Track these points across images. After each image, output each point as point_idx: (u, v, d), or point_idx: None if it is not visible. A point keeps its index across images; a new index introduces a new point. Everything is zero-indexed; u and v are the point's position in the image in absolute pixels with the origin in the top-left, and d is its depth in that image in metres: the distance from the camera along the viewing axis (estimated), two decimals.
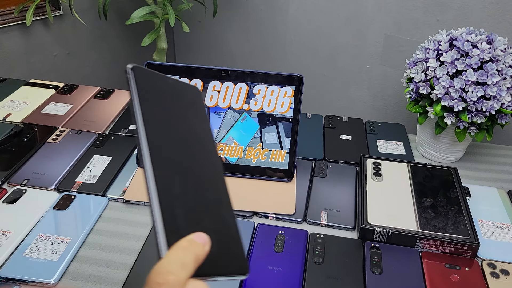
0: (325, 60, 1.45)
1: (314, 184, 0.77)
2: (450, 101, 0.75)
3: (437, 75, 0.76)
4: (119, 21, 1.64)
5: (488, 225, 0.70)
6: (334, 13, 1.36)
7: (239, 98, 0.78)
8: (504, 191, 0.78)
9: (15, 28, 1.33)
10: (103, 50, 1.65)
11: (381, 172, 0.78)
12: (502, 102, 0.74)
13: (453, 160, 0.87)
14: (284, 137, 0.77)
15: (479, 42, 0.74)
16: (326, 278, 0.61)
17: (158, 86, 0.32)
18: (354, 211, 0.72)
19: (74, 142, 0.86)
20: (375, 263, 0.63)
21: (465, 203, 0.71)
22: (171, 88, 0.34)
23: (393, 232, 0.66)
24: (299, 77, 0.77)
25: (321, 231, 0.68)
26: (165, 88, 0.33)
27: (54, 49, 1.47)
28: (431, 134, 0.84)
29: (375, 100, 1.41)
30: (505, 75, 0.74)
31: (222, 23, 1.60)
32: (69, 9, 1.36)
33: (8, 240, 0.64)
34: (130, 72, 0.31)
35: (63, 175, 0.77)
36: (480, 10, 1.12)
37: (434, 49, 0.78)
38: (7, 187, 0.75)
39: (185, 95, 0.35)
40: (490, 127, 0.79)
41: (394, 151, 0.88)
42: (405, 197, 0.72)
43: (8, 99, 1.00)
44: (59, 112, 0.95)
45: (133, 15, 1.28)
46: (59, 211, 0.70)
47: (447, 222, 0.67)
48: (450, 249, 0.65)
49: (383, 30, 1.30)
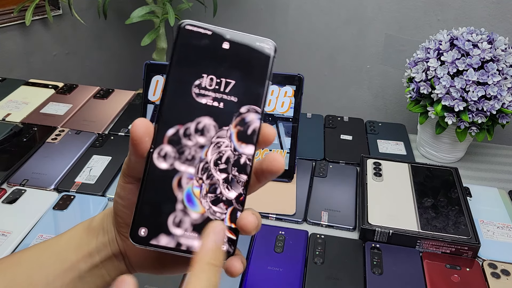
0: (325, 60, 1.44)
1: (315, 184, 0.77)
2: (450, 101, 0.75)
3: (437, 74, 0.76)
4: (119, 21, 1.64)
5: (488, 225, 0.70)
6: (335, 13, 1.35)
7: None
8: (505, 191, 0.78)
9: (14, 27, 1.33)
10: (103, 50, 1.65)
11: (381, 172, 0.77)
12: (503, 102, 0.74)
13: (454, 160, 0.86)
14: (284, 137, 0.77)
15: (480, 42, 0.74)
16: (326, 278, 0.60)
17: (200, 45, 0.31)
18: (354, 211, 0.72)
19: (74, 142, 0.85)
20: (375, 263, 0.63)
21: (466, 203, 0.71)
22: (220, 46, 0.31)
23: (394, 232, 0.65)
24: (300, 76, 0.76)
25: (321, 232, 0.68)
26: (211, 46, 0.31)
27: (53, 49, 1.47)
28: (432, 134, 0.83)
29: (376, 100, 1.41)
30: (506, 75, 0.74)
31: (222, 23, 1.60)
32: (68, 8, 1.36)
33: (8, 240, 0.64)
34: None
35: (62, 175, 0.77)
36: (481, 9, 1.12)
37: (435, 48, 0.78)
38: (7, 187, 0.75)
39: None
40: (491, 127, 0.79)
41: (395, 151, 0.88)
42: (406, 197, 0.72)
43: (7, 99, 1.00)
44: (59, 112, 0.95)
45: (132, 14, 1.28)
46: (59, 211, 0.69)
47: (447, 222, 0.67)
48: (451, 249, 0.65)
49: (383, 30, 1.30)
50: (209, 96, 0.30)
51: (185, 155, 0.30)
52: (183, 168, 0.30)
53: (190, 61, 0.30)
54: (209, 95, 0.30)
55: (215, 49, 0.30)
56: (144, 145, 0.29)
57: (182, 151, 0.30)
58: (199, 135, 0.30)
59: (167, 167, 0.30)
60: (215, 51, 0.30)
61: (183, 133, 0.30)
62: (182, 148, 0.30)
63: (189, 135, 0.30)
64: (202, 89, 0.30)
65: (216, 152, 0.30)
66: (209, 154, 0.30)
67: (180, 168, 0.30)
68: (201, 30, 0.30)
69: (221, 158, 0.30)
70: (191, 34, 0.30)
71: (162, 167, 0.30)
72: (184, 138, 0.30)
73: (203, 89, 0.30)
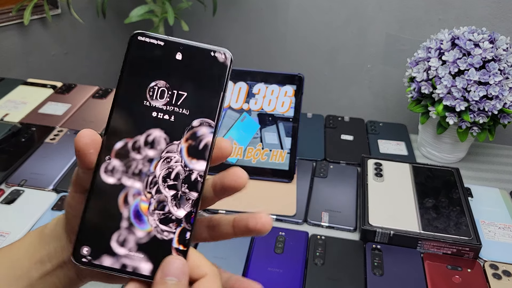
0: (325, 59, 1.44)
1: (315, 185, 0.77)
2: (452, 100, 0.74)
3: (439, 74, 0.75)
4: (118, 20, 1.63)
5: (490, 226, 0.69)
6: (335, 12, 1.35)
7: (239, 97, 0.78)
8: (506, 191, 0.77)
9: (13, 27, 1.32)
10: (102, 49, 1.64)
11: (382, 173, 0.77)
12: (505, 102, 0.73)
13: (455, 160, 0.86)
14: (285, 137, 0.77)
15: (481, 41, 0.74)
16: (326, 279, 0.60)
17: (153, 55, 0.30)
18: (355, 212, 0.71)
19: (72, 142, 0.85)
20: (376, 264, 0.62)
21: (467, 203, 0.71)
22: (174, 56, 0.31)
23: (395, 233, 0.65)
24: (300, 76, 0.76)
25: (321, 232, 0.68)
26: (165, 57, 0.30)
27: (52, 48, 1.46)
28: (433, 134, 0.83)
29: (376, 100, 1.41)
30: (507, 75, 0.73)
31: (222, 22, 1.59)
32: (67, 8, 1.35)
33: (6, 241, 0.63)
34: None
35: (61, 175, 0.77)
36: (482, 9, 1.12)
37: (436, 48, 0.77)
38: (5, 187, 0.74)
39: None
40: (492, 127, 0.78)
41: (396, 151, 0.87)
42: (407, 198, 0.71)
43: (5, 98, 0.99)
44: (57, 112, 0.95)
45: (132, 13, 1.28)
46: (57, 211, 0.69)
47: (449, 223, 0.67)
48: (452, 250, 0.64)
49: (384, 29, 1.29)
50: (160, 109, 0.29)
51: (133, 170, 0.28)
52: (130, 183, 0.28)
53: (141, 73, 0.29)
54: (160, 108, 0.29)
55: (168, 60, 0.29)
56: (89, 157, 0.28)
57: (130, 166, 0.28)
58: (148, 149, 0.29)
59: (113, 182, 0.28)
60: (167, 62, 0.29)
61: (132, 147, 0.29)
62: (130, 162, 0.29)
63: (138, 149, 0.29)
64: (154, 101, 0.29)
65: (165, 167, 0.29)
66: (158, 169, 0.29)
67: (127, 183, 0.28)
68: (153, 41, 0.29)
69: (170, 174, 0.29)
70: (142, 45, 0.29)
71: (108, 181, 0.28)
72: (132, 151, 0.29)
73: (154, 101, 0.29)
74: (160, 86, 0.29)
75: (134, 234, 0.28)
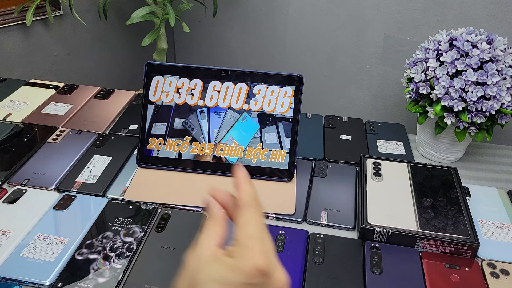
0: (325, 60, 1.45)
1: (314, 184, 0.77)
2: (450, 101, 0.75)
3: (437, 75, 0.76)
4: (119, 21, 1.64)
5: (488, 225, 0.70)
6: (334, 13, 1.36)
7: (239, 98, 0.78)
8: (504, 191, 0.78)
9: (15, 28, 1.33)
10: (103, 50, 1.65)
11: (381, 172, 0.78)
12: (502, 102, 0.74)
13: (453, 160, 0.87)
14: (284, 137, 0.78)
15: (479, 42, 0.74)
16: (326, 278, 0.61)
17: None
18: (354, 211, 0.72)
19: (74, 142, 0.86)
20: (375, 263, 0.63)
21: (465, 203, 0.71)
22: None
23: (393, 232, 0.66)
24: (299, 77, 0.77)
25: (321, 231, 0.68)
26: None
27: (54, 49, 1.47)
28: (431, 134, 0.84)
29: (375, 100, 1.41)
30: (505, 75, 0.74)
31: (222, 23, 1.60)
32: (69, 9, 1.36)
33: (8, 240, 0.64)
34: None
35: (63, 175, 0.77)
36: (480, 10, 1.12)
37: (434, 49, 0.78)
38: (7, 187, 0.75)
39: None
40: (490, 127, 0.79)
41: (394, 151, 0.88)
42: (405, 197, 0.72)
43: (8, 99, 1.00)
44: (59, 112, 0.96)
45: (133, 15, 1.28)
46: (59, 211, 0.70)
47: (447, 222, 0.67)
48: (450, 249, 0.65)
49: (383, 30, 1.30)
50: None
51: None
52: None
53: None
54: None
55: None
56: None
57: None
58: None
59: None
60: None
61: None
62: None
63: None
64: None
65: None
66: None
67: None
68: None
69: None
70: None
71: None
72: None
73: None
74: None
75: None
